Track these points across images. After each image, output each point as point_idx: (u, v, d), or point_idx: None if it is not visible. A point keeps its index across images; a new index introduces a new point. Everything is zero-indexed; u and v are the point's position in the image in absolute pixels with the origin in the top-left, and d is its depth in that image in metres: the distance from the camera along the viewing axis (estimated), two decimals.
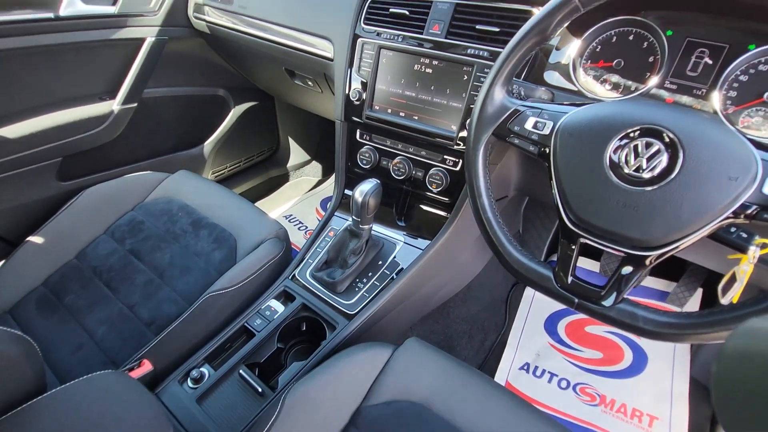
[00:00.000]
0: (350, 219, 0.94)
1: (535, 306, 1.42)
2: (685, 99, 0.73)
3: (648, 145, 0.54)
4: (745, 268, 0.69)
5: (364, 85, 1.00)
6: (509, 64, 0.63)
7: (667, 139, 0.53)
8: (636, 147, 0.54)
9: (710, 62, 0.72)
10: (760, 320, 0.30)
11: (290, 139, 1.94)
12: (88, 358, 0.91)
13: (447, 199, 0.98)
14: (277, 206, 1.87)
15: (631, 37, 0.78)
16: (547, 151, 0.61)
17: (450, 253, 1.06)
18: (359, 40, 0.99)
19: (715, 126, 0.52)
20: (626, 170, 0.55)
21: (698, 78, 0.73)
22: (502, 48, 0.83)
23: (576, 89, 0.80)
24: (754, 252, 0.57)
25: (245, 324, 0.91)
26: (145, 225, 1.15)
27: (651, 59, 0.77)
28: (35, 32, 1.12)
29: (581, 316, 1.37)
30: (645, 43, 0.77)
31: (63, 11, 1.15)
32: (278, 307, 0.94)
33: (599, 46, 0.81)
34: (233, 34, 1.28)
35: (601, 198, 0.56)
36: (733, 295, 0.69)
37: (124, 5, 1.24)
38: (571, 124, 0.59)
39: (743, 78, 0.70)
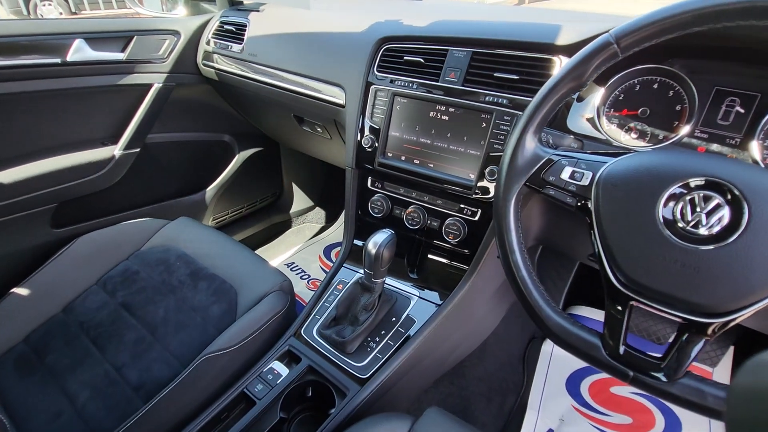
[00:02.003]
0: (361, 272, 0.88)
1: (554, 363, 1.32)
2: (719, 148, 0.70)
3: (706, 199, 0.48)
4: None
5: (376, 131, 0.97)
6: (542, 110, 0.60)
7: (727, 192, 0.48)
8: (693, 200, 0.49)
9: (742, 111, 0.69)
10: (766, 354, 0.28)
11: (294, 185, 1.90)
12: (67, 428, 0.81)
13: (467, 250, 0.92)
14: (278, 254, 1.80)
15: (655, 86, 0.76)
16: (588, 204, 0.56)
17: (468, 308, 0.98)
18: (372, 87, 0.97)
19: None
20: (682, 226, 0.49)
21: (730, 127, 0.70)
22: (523, 95, 0.81)
23: (603, 138, 0.76)
24: None
25: (245, 390, 0.82)
26: (139, 275, 1.08)
27: (678, 108, 0.74)
28: (40, 77, 1.10)
29: (605, 374, 1.27)
30: (671, 92, 0.75)
31: (71, 57, 1.13)
32: (282, 369, 0.85)
33: (622, 95, 0.78)
34: (242, 81, 1.27)
35: (655, 256, 0.50)
36: None
37: (133, 52, 1.24)
38: (614, 174, 0.55)
39: None
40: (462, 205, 0.92)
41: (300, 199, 1.94)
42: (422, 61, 0.92)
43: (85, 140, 1.26)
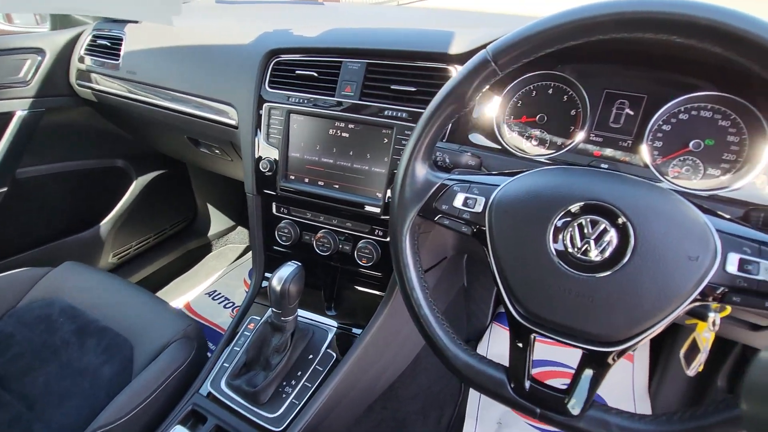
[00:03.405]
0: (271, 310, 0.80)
1: None
2: (613, 152, 0.70)
3: (594, 224, 0.46)
4: (706, 335, 0.63)
5: (275, 153, 0.89)
6: (427, 136, 0.55)
7: (613, 216, 0.46)
8: (581, 226, 0.47)
9: (631, 113, 0.70)
10: None
11: (209, 206, 1.75)
12: None
13: (380, 273, 0.87)
14: (197, 283, 1.65)
15: (550, 91, 0.76)
16: (484, 232, 0.52)
17: (391, 330, 0.94)
18: (265, 104, 0.89)
19: (663, 196, 0.46)
20: (572, 253, 0.47)
21: (622, 129, 0.71)
22: (422, 108, 0.77)
23: (505, 148, 0.74)
24: (713, 318, 0.51)
25: None
26: (15, 339, 0.92)
27: (573, 112, 0.74)
28: None
29: (538, 371, 1.29)
30: (565, 97, 0.75)
31: None
32: None
33: (520, 101, 0.77)
34: (124, 102, 1.13)
35: (551, 287, 0.47)
36: (698, 366, 0.63)
37: None
38: (505, 200, 0.51)
39: (666, 128, 0.68)
40: (373, 226, 0.86)
41: (218, 220, 1.79)
42: (315, 74, 0.85)
43: None
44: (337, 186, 0.86)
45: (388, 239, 0.86)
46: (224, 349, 0.89)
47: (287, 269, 0.77)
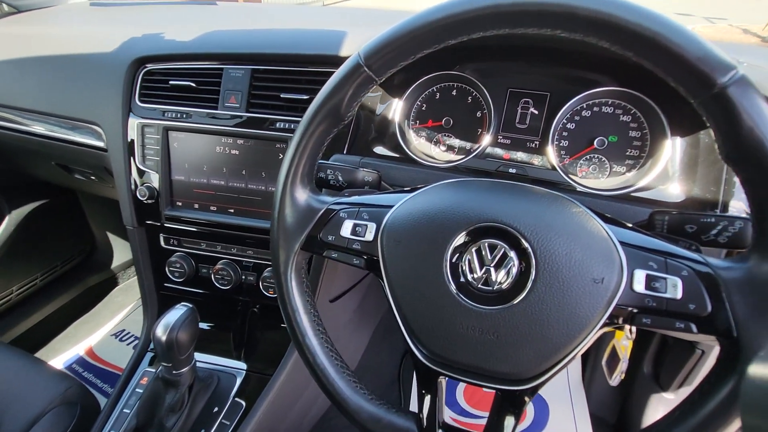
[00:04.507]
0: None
1: None
2: (522, 155, 0.67)
3: (492, 248, 0.40)
4: (624, 343, 0.61)
5: (154, 178, 0.77)
6: (303, 156, 0.47)
7: (511, 238, 0.40)
8: (479, 251, 0.41)
9: (536, 112, 0.67)
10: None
11: (109, 234, 1.54)
12: None
13: None
14: (102, 323, 1.44)
15: (454, 92, 0.71)
16: (377, 263, 0.45)
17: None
18: (137, 122, 0.76)
19: (562, 210, 0.41)
20: (473, 284, 0.41)
21: (528, 130, 0.68)
22: None
23: (409, 157, 0.68)
24: (629, 326, 0.47)
25: None
26: None
27: (479, 114, 0.70)
28: None
29: None
30: (469, 98, 0.70)
31: None
32: None
33: (424, 105, 0.72)
34: None
35: (453, 324, 0.41)
36: (620, 375, 0.61)
37: None
38: (396, 226, 0.44)
39: (571, 126, 0.66)
40: None
41: (122, 249, 1.59)
42: (193, 85, 0.74)
43: None
44: (231, 210, 0.76)
45: None
46: (111, 412, 0.75)
47: (175, 313, 0.66)
